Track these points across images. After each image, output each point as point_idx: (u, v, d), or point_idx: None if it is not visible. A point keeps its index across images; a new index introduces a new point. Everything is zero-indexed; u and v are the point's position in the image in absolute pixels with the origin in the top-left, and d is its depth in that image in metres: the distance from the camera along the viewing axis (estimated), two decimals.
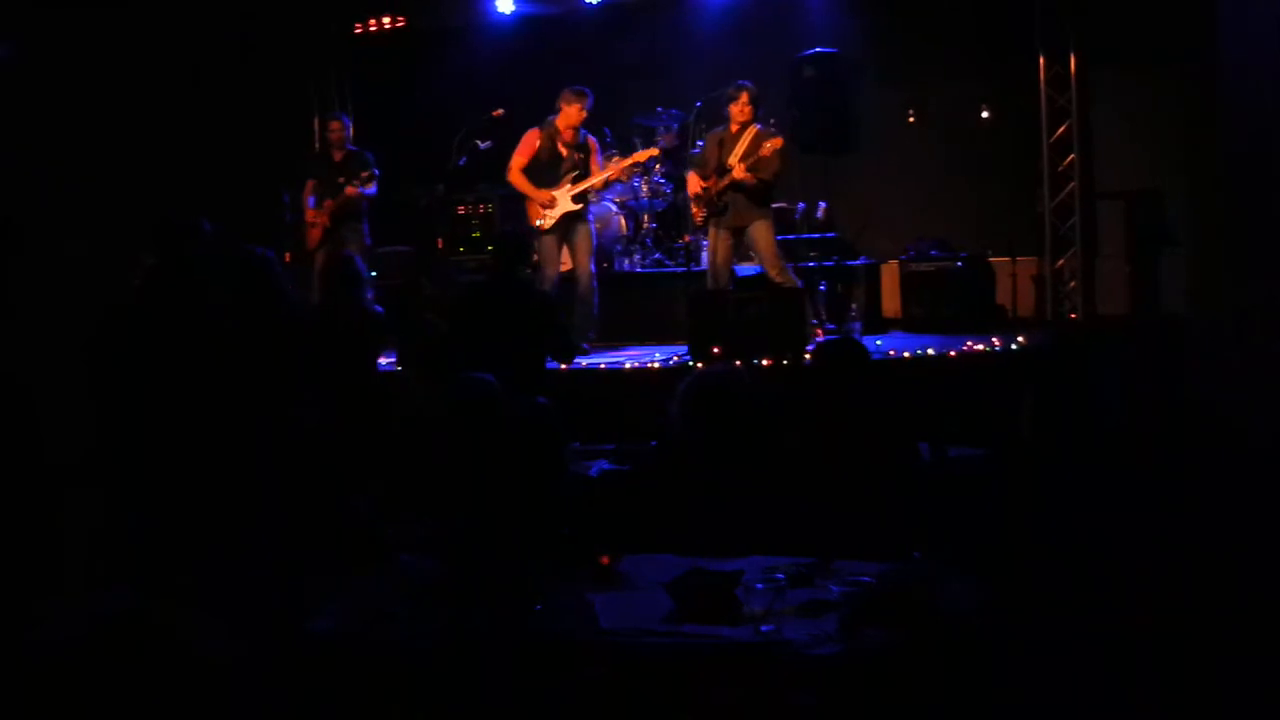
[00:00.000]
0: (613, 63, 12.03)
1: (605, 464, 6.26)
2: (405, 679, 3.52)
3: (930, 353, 8.81)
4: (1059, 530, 4.12)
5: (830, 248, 10.89)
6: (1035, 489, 4.37)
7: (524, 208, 10.01)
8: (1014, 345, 8.86)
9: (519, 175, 9.86)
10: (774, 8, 11.98)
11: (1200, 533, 4.08)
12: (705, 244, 10.93)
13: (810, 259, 10.62)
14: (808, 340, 8.79)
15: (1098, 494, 4.20)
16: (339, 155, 10.70)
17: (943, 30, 11.48)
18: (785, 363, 8.57)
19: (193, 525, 5.40)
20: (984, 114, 11.06)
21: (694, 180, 9.84)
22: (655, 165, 11.26)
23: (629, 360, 9.28)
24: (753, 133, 9.59)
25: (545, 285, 9.62)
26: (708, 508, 4.70)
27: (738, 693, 3.50)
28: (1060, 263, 11.00)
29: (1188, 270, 10.16)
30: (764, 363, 8.62)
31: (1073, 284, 10.93)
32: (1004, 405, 4.77)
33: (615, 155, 11.41)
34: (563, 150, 9.85)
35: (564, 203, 9.81)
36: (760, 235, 9.57)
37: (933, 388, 8.29)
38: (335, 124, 10.83)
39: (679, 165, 11.43)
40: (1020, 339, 9.02)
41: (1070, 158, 10.97)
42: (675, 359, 9.11)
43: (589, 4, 12.30)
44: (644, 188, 11.47)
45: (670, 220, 11.68)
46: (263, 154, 11.43)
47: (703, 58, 12.01)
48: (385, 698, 3.50)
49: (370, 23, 12.86)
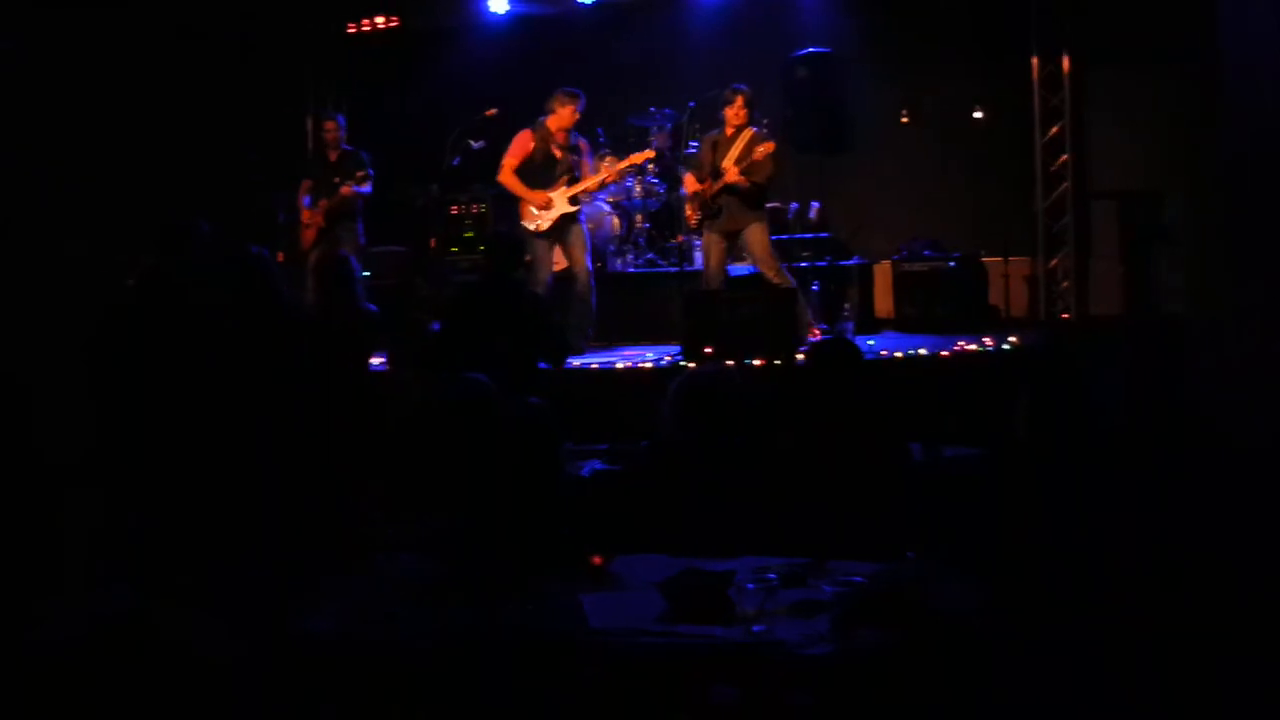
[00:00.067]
0: (606, 63, 12.01)
1: (598, 464, 6.25)
2: (399, 679, 3.51)
3: (923, 353, 8.80)
4: (1053, 529, 4.12)
5: (823, 248, 10.89)
6: (1030, 488, 4.38)
7: (516, 208, 9.98)
8: (1007, 345, 8.86)
9: (512, 177, 9.82)
10: (767, 8, 11.98)
11: (1195, 532, 4.09)
12: (698, 244, 10.96)
13: (803, 259, 10.62)
14: (800, 341, 8.78)
15: (1092, 493, 4.21)
16: (334, 155, 10.68)
17: (936, 30, 11.49)
18: (778, 363, 8.57)
19: (192, 525, 5.40)
20: (978, 114, 11.06)
21: (690, 182, 9.84)
22: (649, 165, 11.24)
23: (621, 360, 9.26)
24: (748, 136, 9.58)
25: (538, 287, 9.59)
26: (700, 508, 4.70)
27: (732, 692, 3.50)
28: (1053, 263, 11.02)
29: (1182, 270, 10.16)
30: (757, 363, 8.61)
31: (1066, 284, 10.95)
32: (997, 405, 4.78)
33: (608, 155, 11.40)
34: (557, 152, 9.82)
35: (560, 205, 9.78)
36: (755, 238, 9.56)
37: (926, 388, 8.28)
38: (330, 124, 10.81)
39: (672, 165, 11.43)
40: (1013, 339, 9.02)
41: (1063, 158, 10.99)
42: (668, 359, 9.10)
43: (582, 4, 12.29)
44: (637, 188, 11.45)
45: (663, 220, 11.67)
46: (257, 154, 11.42)
47: (696, 58, 12.02)
48: (379, 698, 3.49)
49: (364, 22, 12.83)
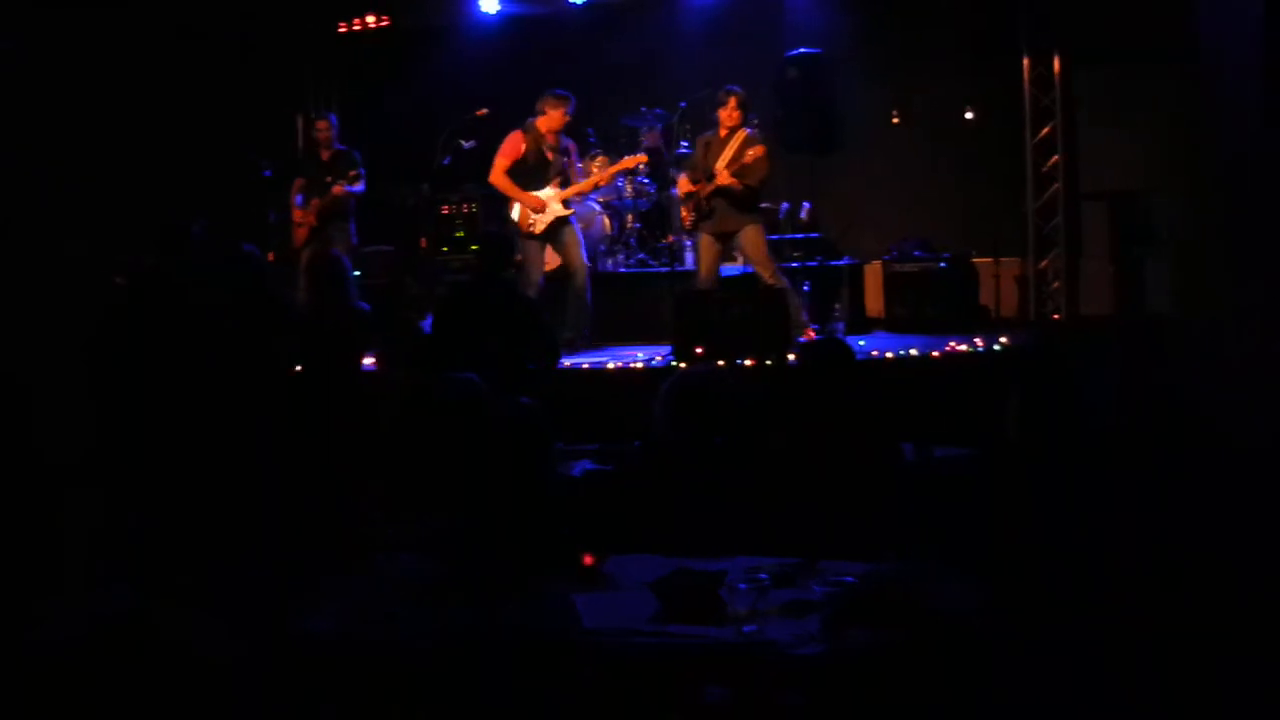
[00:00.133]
0: (597, 63, 12.00)
1: (589, 464, 6.26)
2: (398, 679, 3.51)
3: (914, 353, 8.81)
4: (1045, 529, 4.13)
5: (814, 248, 10.89)
6: (1021, 488, 4.38)
7: (506, 208, 9.98)
8: (998, 346, 8.88)
9: (504, 178, 9.81)
10: (759, 8, 11.97)
11: (1186, 531, 4.10)
12: (689, 245, 10.96)
13: (794, 259, 10.62)
14: (791, 341, 8.79)
15: (1083, 493, 4.21)
16: (326, 154, 10.67)
17: (927, 30, 11.49)
18: (769, 363, 8.57)
19: (192, 525, 5.40)
20: (968, 114, 11.07)
21: (684, 183, 9.85)
22: (640, 166, 11.24)
23: (613, 360, 9.26)
24: (741, 137, 9.58)
25: (530, 288, 9.59)
26: (692, 508, 4.70)
27: (723, 692, 3.50)
28: (1044, 263, 11.03)
29: (1173, 271, 10.18)
30: (748, 363, 8.62)
31: (1056, 284, 10.96)
32: (988, 406, 4.79)
33: (599, 155, 11.41)
34: (549, 154, 9.84)
35: (555, 207, 9.79)
36: (749, 240, 9.56)
37: (917, 388, 8.29)
38: (322, 123, 10.79)
39: (663, 166, 11.44)
40: (1004, 339, 9.03)
41: (1054, 158, 11.00)
42: (659, 359, 9.10)
43: (573, 4, 12.28)
44: (628, 188, 11.45)
45: (654, 220, 11.66)
46: (249, 153, 11.40)
47: (687, 58, 12.01)
48: (379, 698, 3.49)
49: (355, 22, 12.82)
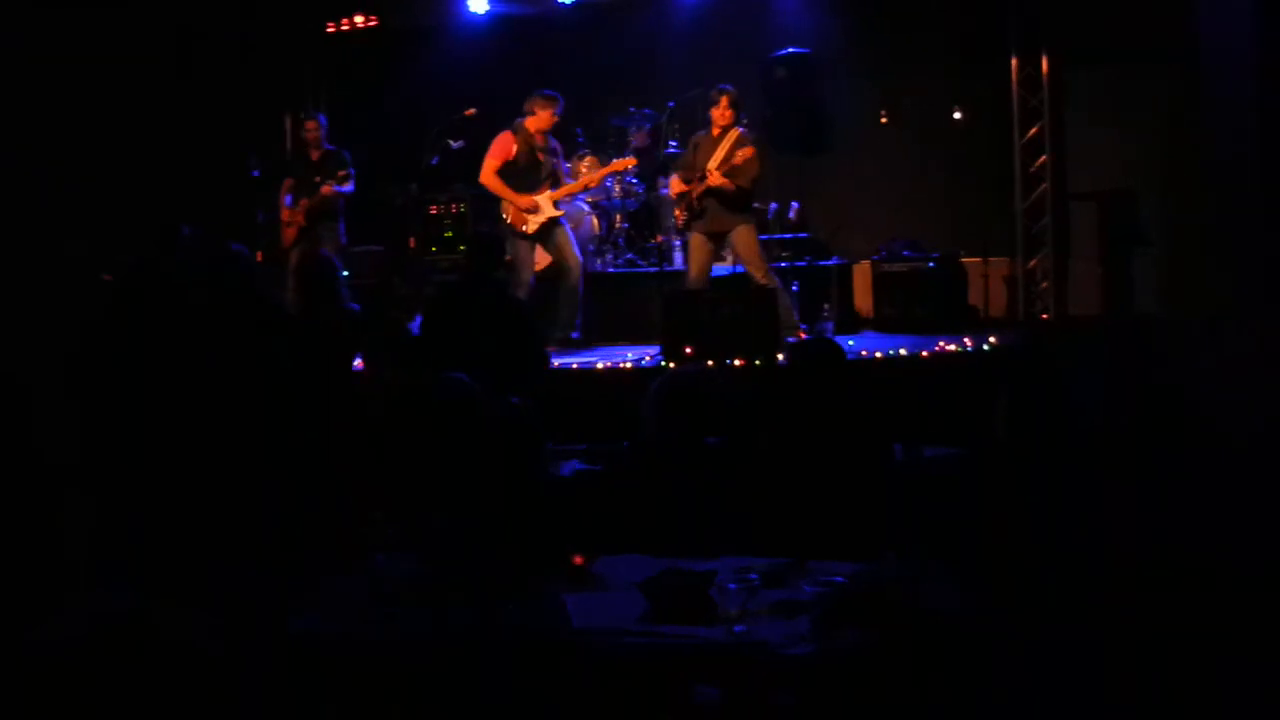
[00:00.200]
0: (586, 63, 12.01)
1: (578, 464, 6.26)
2: (398, 678, 3.51)
3: (903, 353, 8.82)
4: (1033, 528, 4.14)
5: (803, 248, 10.90)
6: (1009, 488, 4.39)
7: (497, 208, 9.98)
8: (986, 346, 8.88)
9: (495, 178, 9.81)
10: (747, 8, 11.98)
11: (1175, 530, 4.11)
12: (677, 244, 10.97)
13: (783, 259, 10.62)
14: (780, 341, 8.78)
15: (1071, 492, 4.22)
16: (316, 154, 10.66)
17: (916, 31, 11.51)
18: (758, 363, 8.57)
19: (191, 525, 5.39)
20: (957, 115, 11.08)
21: (676, 183, 9.84)
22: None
23: (601, 360, 9.26)
24: (733, 137, 9.58)
25: (520, 288, 9.59)
26: (681, 508, 4.70)
27: (714, 692, 3.50)
28: (1033, 263, 11.05)
29: (1161, 271, 10.20)
30: (737, 363, 8.61)
31: (1045, 284, 10.98)
32: (977, 405, 4.80)
33: (588, 155, 11.41)
34: (539, 155, 9.84)
35: (547, 208, 9.80)
36: (741, 240, 9.55)
37: (906, 388, 8.30)
38: (311, 123, 10.78)
39: (652, 166, 11.43)
40: (992, 339, 9.04)
41: (1042, 158, 11.02)
42: (648, 359, 9.10)
43: (562, 4, 12.27)
44: (616, 188, 11.45)
45: (643, 220, 11.66)
46: (238, 153, 11.38)
47: (676, 58, 12.01)
48: (373, 697, 3.49)
49: (343, 22, 12.80)
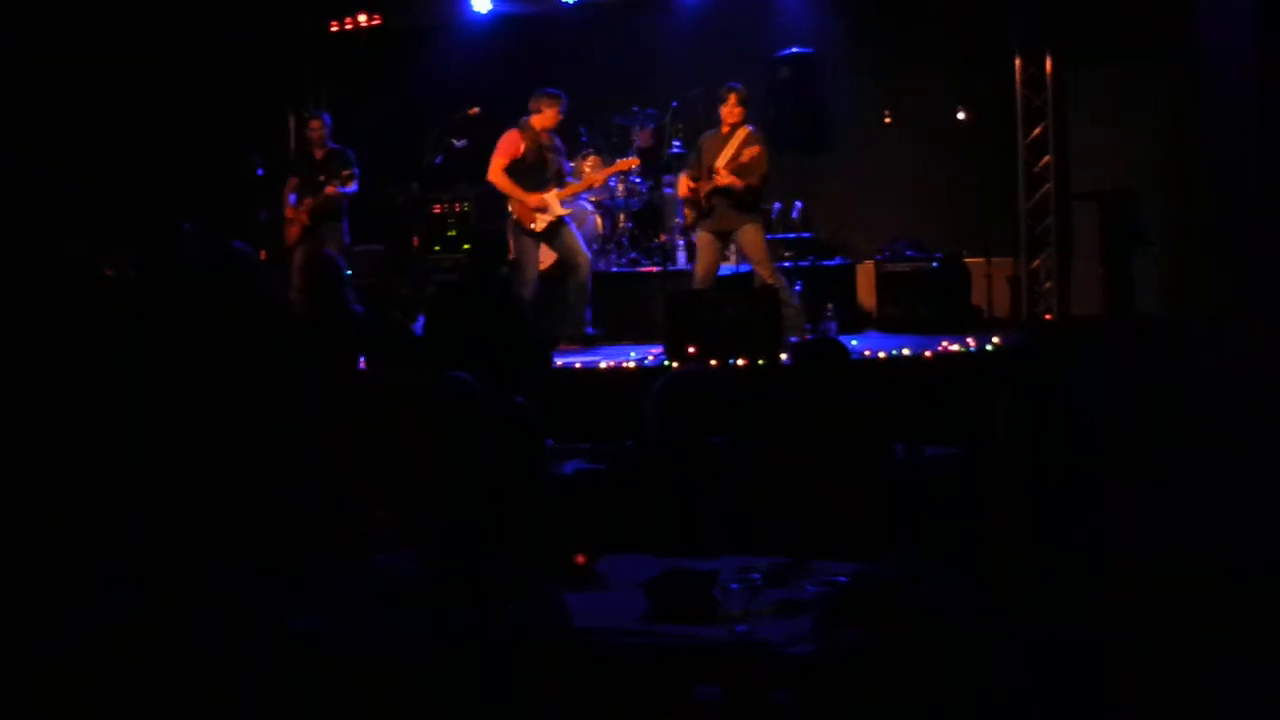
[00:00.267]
0: (589, 62, 12.00)
1: (581, 463, 6.26)
2: (384, 679, 3.51)
3: (906, 353, 8.81)
4: (1034, 528, 4.13)
5: (806, 248, 10.90)
6: (1010, 488, 4.38)
7: (503, 206, 9.99)
8: (989, 346, 8.88)
9: (503, 176, 9.81)
10: (750, 8, 11.97)
11: (1172, 528, 4.10)
12: (680, 244, 10.98)
13: (786, 259, 10.62)
14: (783, 341, 8.78)
15: (1072, 492, 4.21)
16: (320, 153, 10.65)
17: (919, 30, 11.50)
18: (761, 363, 8.57)
19: (191, 525, 5.39)
20: (960, 114, 11.06)
21: (684, 181, 9.84)
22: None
23: (605, 359, 9.26)
24: (742, 135, 9.55)
25: (525, 286, 9.62)
26: (684, 507, 4.70)
27: (715, 692, 3.50)
28: (1036, 263, 11.04)
29: (1162, 270, 10.20)
30: (740, 363, 8.61)
31: (1048, 284, 10.97)
32: (979, 405, 4.79)
33: (591, 155, 11.42)
34: (547, 153, 9.86)
35: (556, 207, 9.82)
36: (748, 239, 9.55)
37: (908, 388, 8.29)
38: (315, 122, 10.77)
39: (655, 165, 11.44)
40: (995, 339, 9.04)
41: (1046, 158, 11.01)
42: (651, 358, 9.10)
43: (565, 3, 12.27)
44: (620, 187, 11.44)
45: (646, 220, 11.66)
46: (242, 152, 11.38)
47: (679, 57, 12.00)
48: (365, 697, 3.49)
49: (346, 21, 12.80)
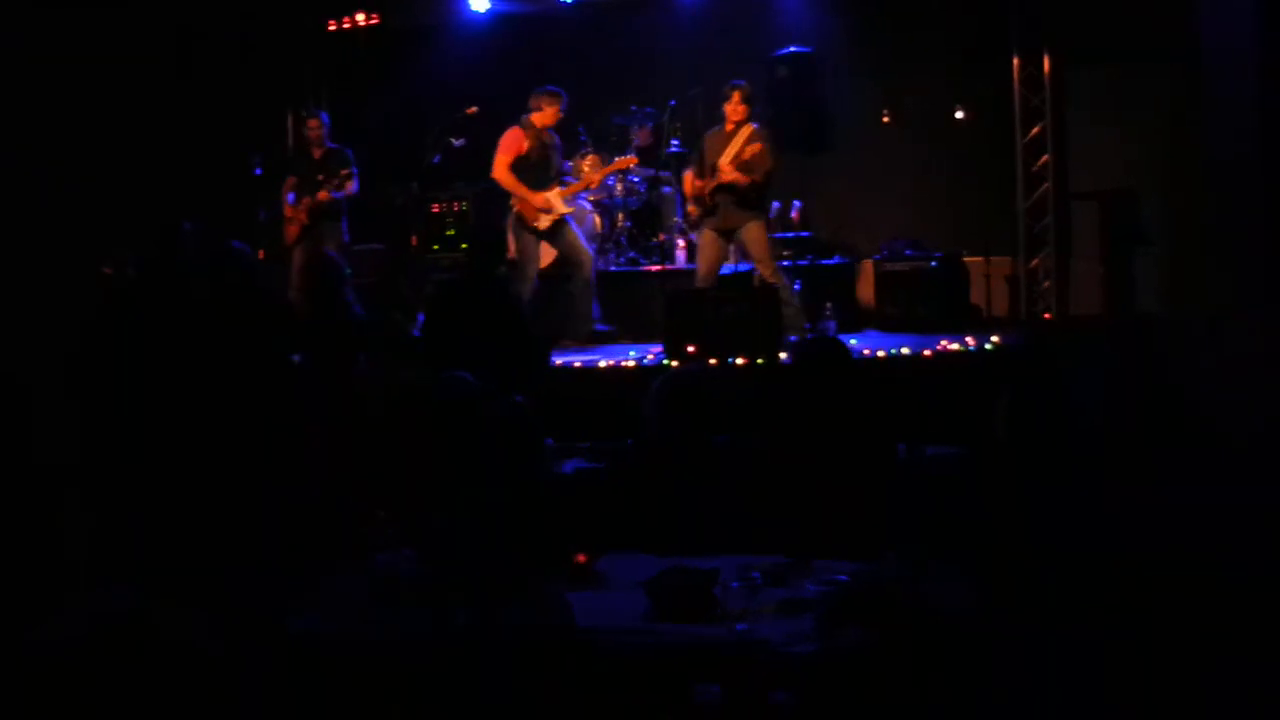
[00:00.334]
0: (588, 61, 12.01)
1: (580, 462, 6.26)
2: (384, 679, 3.51)
3: (905, 352, 8.81)
4: (1034, 527, 4.13)
5: (805, 247, 10.91)
6: (1010, 487, 4.39)
7: (505, 204, 9.99)
8: (988, 345, 8.88)
9: (507, 173, 9.81)
10: (748, 7, 11.97)
11: (1172, 528, 4.11)
12: (679, 243, 10.98)
13: (785, 258, 10.62)
14: (783, 340, 8.78)
15: (1072, 492, 4.22)
16: (318, 153, 10.65)
17: (917, 30, 11.51)
18: (760, 362, 8.57)
19: (191, 525, 5.39)
20: (959, 114, 11.07)
21: (688, 180, 9.84)
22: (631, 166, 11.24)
23: (604, 358, 9.26)
24: (747, 132, 9.54)
25: (525, 283, 9.63)
26: (684, 506, 4.70)
27: (715, 691, 3.50)
28: (1034, 263, 11.04)
29: (1162, 270, 10.20)
30: (739, 362, 8.61)
31: (1046, 284, 10.98)
32: (979, 405, 4.79)
33: (590, 154, 11.41)
34: (549, 153, 9.87)
35: (559, 205, 9.83)
36: (751, 237, 9.54)
37: (908, 387, 8.30)
38: (314, 121, 10.76)
39: (654, 164, 11.44)
40: (994, 339, 9.04)
41: (1044, 158, 11.01)
42: (650, 357, 9.10)
43: (563, 2, 12.27)
44: (619, 186, 11.44)
45: (645, 219, 11.66)
46: (241, 151, 11.38)
47: (678, 56, 12.01)
48: (365, 697, 3.49)
49: (345, 20, 12.80)
